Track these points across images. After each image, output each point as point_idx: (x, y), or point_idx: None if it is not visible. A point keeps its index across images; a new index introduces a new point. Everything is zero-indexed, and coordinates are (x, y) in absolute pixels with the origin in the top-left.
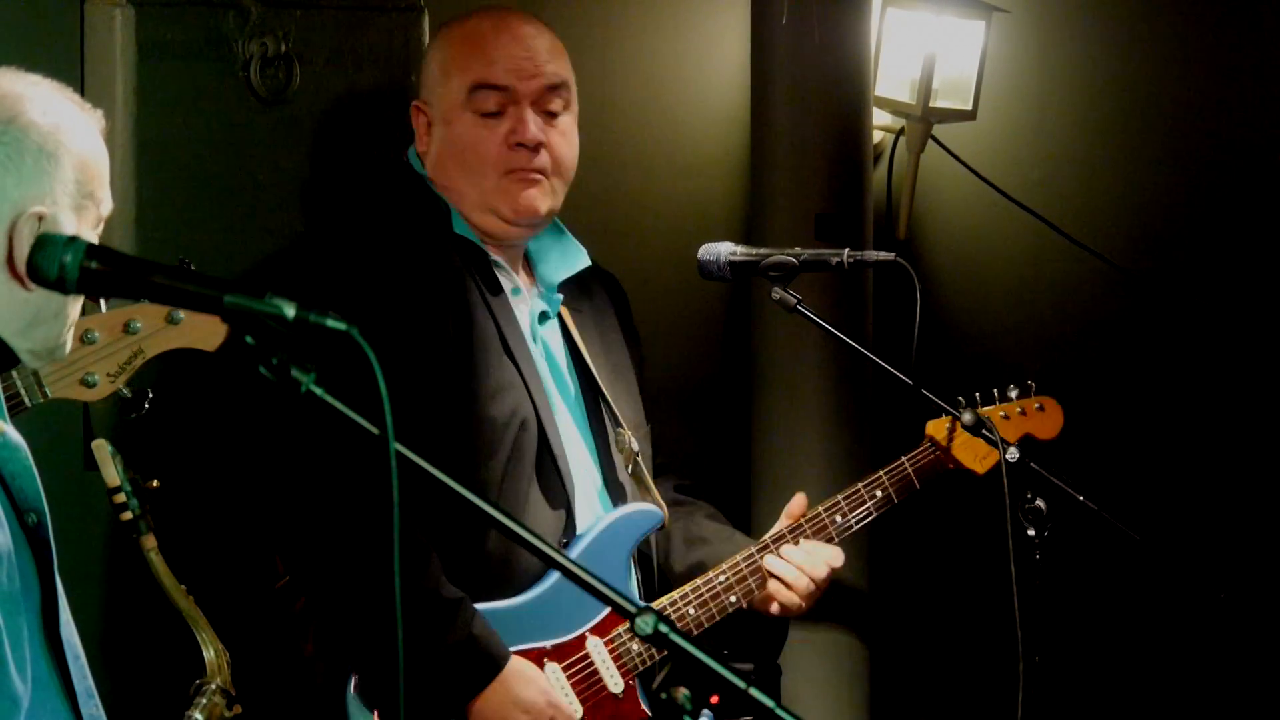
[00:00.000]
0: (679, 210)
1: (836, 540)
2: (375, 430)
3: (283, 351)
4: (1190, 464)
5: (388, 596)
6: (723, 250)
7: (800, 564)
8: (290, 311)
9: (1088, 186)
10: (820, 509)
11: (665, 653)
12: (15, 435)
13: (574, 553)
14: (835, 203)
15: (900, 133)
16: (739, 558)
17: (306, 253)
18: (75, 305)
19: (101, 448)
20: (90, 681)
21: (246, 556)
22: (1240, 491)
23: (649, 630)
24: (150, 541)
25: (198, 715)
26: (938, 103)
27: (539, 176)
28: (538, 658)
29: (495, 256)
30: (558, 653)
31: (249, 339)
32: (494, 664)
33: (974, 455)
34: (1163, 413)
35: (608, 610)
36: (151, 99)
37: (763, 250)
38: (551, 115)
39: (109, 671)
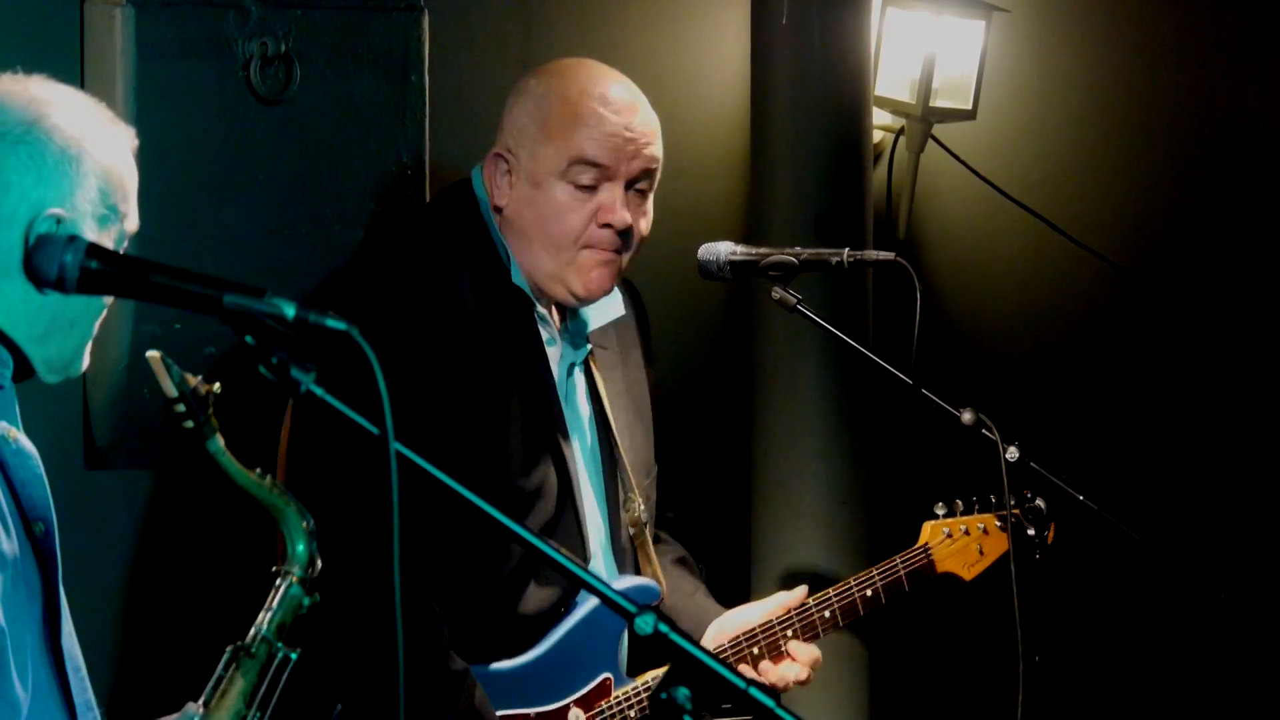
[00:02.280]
0: (679, 210)
1: (822, 636)
2: (375, 430)
3: (283, 351)
4: (1190, 463)
5: (373, 661)
6: (722, 250)
7: (800, 675)
8: (290, 311)
9: (1088, 186)
10: (811, 602)
11: None
12: (27, 443)
13: (572, 618)
14: (835, 202)
15: (900, 132)
16: (727, 645)
17: (359, 293)
18: (94, 318)
19: (155, 360)
20: (90, 695)
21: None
22: (1240, 491)
23: (648, 630)
24: (218, 442)
25: (273, 612)
26: (938, 102)
27: (615, 257)
28: None
29: (540, 310)
30: None
31: (249, 339)
32: None
33: (963, 562)
34: (1162, 412)
35: (594, 684)
36: (151, 99)
37: (763, 250)
38: (640, 194)
39: (110, 675)
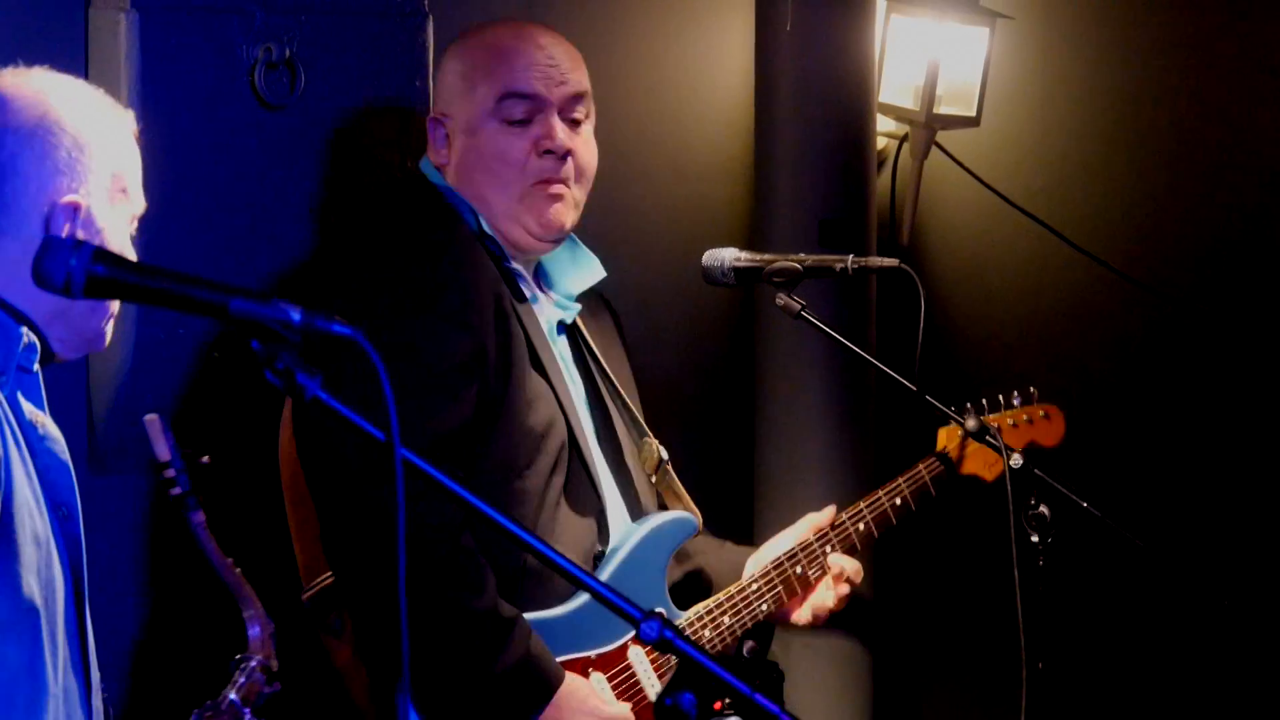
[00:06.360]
0: (683, 216)
1: (860, 549)
2: (382, 436)
3: (289, 357)
4: (1194, 471)
5: (426, 609)
6: (727, 256)
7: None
8: (297, 316)
9: (1092, 193)
10: (845, 517)
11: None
12: (54, 428)
13: (612, 564)
14: (839, 209)
15: (904, 139)
16: (770, 567)
17: (339, 266)
18: (113, 301)
19: (153, 423)
20: (98, 674)
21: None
22: (1244, 499)
23: (654, 636)
24: (199, 518)
25: (233, 695)
26: (941, 109)
27: (563, 188)
28: (582, 668)
29: (516, 267)
30: (602, 662)
31: (255, 344)
32: (550, 684)
33: (983, 463)
34: (1167, 419)
35: None
36: (156, 104)
37: (767, 256)
38: (575, 123)
39: (111, 679)
